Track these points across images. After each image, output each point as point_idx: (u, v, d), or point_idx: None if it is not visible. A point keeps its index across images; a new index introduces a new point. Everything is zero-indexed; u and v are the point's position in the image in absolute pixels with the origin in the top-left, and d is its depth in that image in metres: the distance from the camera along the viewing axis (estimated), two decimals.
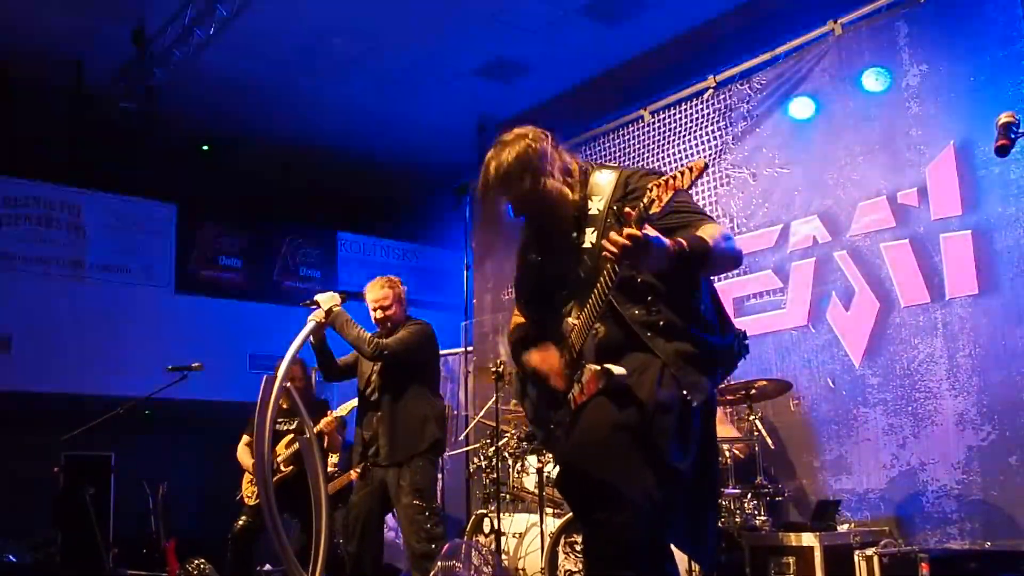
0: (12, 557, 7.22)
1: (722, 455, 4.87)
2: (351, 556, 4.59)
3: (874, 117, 5.43)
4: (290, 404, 5.00)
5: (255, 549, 5.93)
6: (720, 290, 2.79)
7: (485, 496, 5.71)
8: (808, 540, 4.25)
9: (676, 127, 6.57)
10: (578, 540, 4.68)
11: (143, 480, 7.79)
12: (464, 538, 5.43)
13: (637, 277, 2.48)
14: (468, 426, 7.29)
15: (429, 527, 4.47)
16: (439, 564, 4.47)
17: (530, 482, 5.40)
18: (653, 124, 6.73)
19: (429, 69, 8.31)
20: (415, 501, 4.48)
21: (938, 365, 4.98)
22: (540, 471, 5.19)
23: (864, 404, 5.28)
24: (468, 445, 7.07)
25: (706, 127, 6.37)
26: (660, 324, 2.49)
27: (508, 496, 5.54)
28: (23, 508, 7.73)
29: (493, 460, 5.56)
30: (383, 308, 4.72)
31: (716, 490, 3.10)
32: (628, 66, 8.06)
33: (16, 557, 7.25)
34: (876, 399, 5.23)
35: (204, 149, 10.00)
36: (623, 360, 2.50)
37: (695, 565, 4.18)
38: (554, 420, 2.74)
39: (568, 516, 4.84)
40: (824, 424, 5.45)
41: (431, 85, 8.60)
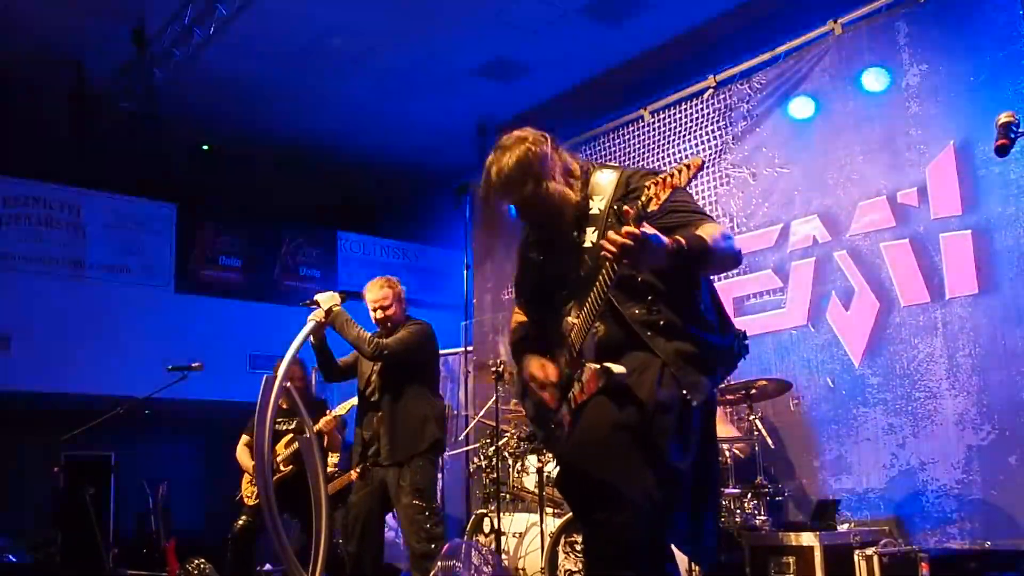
0: (12, 557, 7.22)
1: (722, 455, 4.87)
2: (351, 556, 4.59)
3: (874, 117, 5.43)
4: (290, 404, 5.00)
5: (255, 549, 5.93)
6: (720, 290, 2.78)
7: (485, 496, 5.71)
8: (808, 540, 4.24)
9: (676, 127, 6.56)
10: (578, 540, 4.68)
11: (143, 480, 7.81)
12: (464, 538, 5.43)
13: (637, 276, 2.48)
14: (468, 426, 7.29)
15: (429, 527, 4.47)
16: (439, 564, 4.47)
17: (530, 482, 5.40)
18: (653, 124, 6.73)
19: (429, 69, 8.31)
20: (415, 501, 4.48)
21: (938, 365, 4.98)
22: (540, 471, 5.19)
23: (864, 404, 5.28)
24: (468, 445, 7.07)
25: (706, 127, 6.37)
26: (660, 323, 2.49)
27: (508, 496, 5.54)
28: (23, 508, 7.74)
29: (493, 460, 5.56)
30: (383, 308, 4.71)
31: (716, 490, 3.09)
32: (628, 66, 8.06)
33: (16, 557, 7.25)
34: (876, 399, 5.23)
35: (204, 149, 10.00)
36: (623, 359, 2.50)
37: (695, 565, 4.18)
38: (555, 420, 2.74)
39: (568, 516, 4.84)
40: (824, 424, 5.45)
41: (431, 85, 8.60)
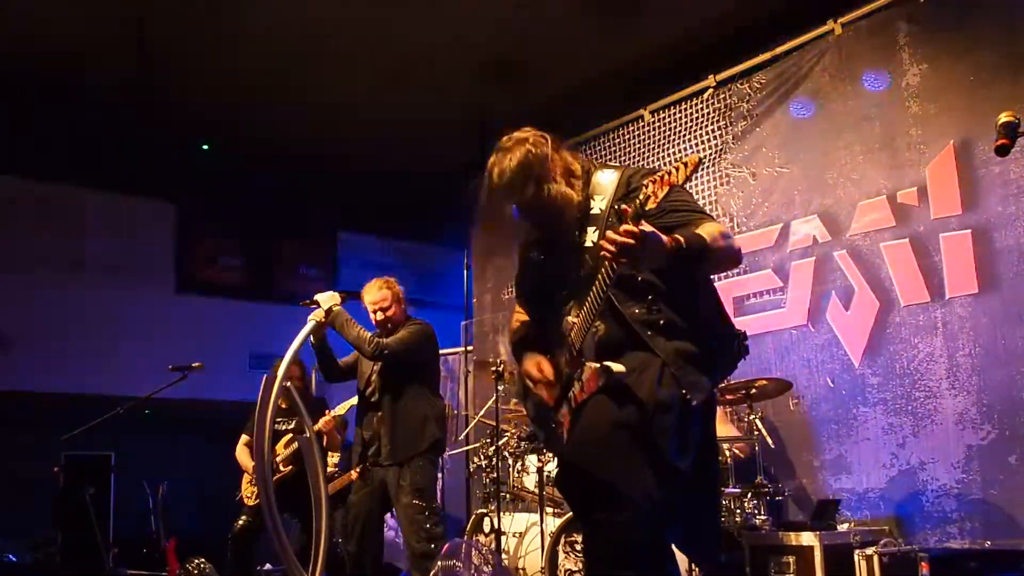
0: (12, 557, 7.22)
1: (722, 454, 4.87)
2: (351, 556, 4.59)
3: (874, 117, 5.43)
4: (289, 404, 4.99)
5: (255, 549, 5.94)
6: (720, 289, 2.79)
7: (485, 495, 5.71)
8: (808, 539, 4.24)
9: (676, 127, 6.57)
10: (578, 539, 4.68)
11: (143, 480, 7.80)
12: (464, 537, 5.43)
13: (637, 276, 2.48)
14: (468, 426, 7.30)
15: (429, 527, 4.48)
16: (439, 564, 4.48)
17: (530, 481, 5.40)
18: (653, 124, 6.74)
19: (429, 68, 8.30)
20: (415, 501, 4.48)
21: (938, 364, 4.98)
22: (540, 470, 5.19)
23: (864, 403, 5.28)
24: (468, 445, 7.08)
25: (706, 126, 6.38)
26: (660, 323, 2.49)
27: (508, 495, 5.54)
28: (23, 508, 7.73)
29: (493, 459, 5.56)
30: (383, 310, 4.71)
31: (716, 489, 3.09)
32: (628, 65, 8.04)
33: (16, 557, 7.25)
34: (876, 398, 5.23)
35: (204, 149, 9.99)
36: (623, 359, 2.50)
37: (695, 565, 4.18)
38: (555, 419, 2.74)
39: (568, 516, 4.84)
40: (824, 423, 5.45)
41: (431, 84, 8.59)
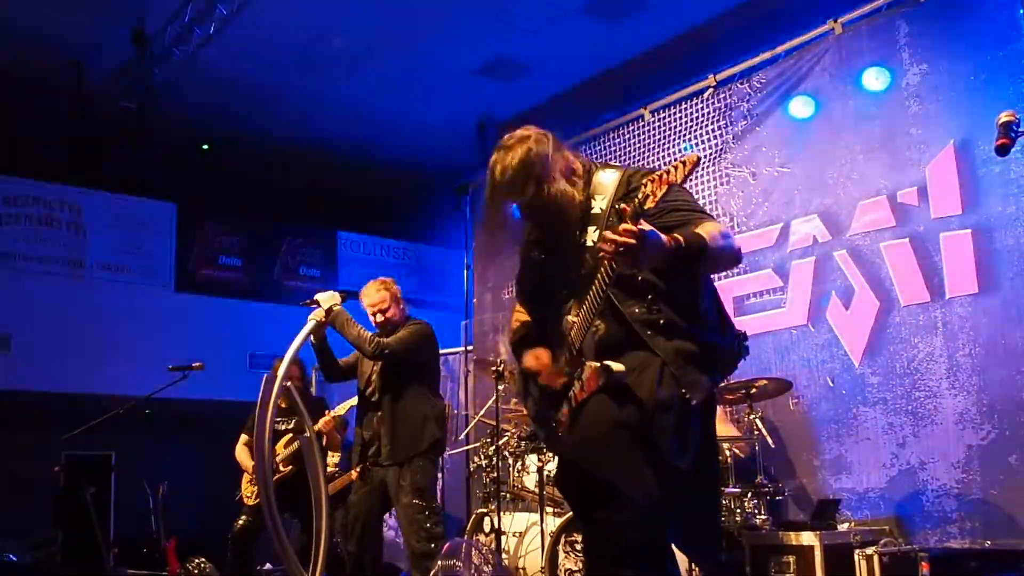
0: (12, 557, 7.22)
1: (722, 454, 4.87)
2: (351, 556, 4.59)
3: (874, 116, 5.42)
4: (290, 403, 4.99)
5: (255, 548, 5.94)
6: (720, 289, 2.79)
7: (485, 495, 5.70)
8: (808, 539, 4.24)
9: (676, 126, 6.56)
10: (578, 539, 4.68)
11: (143, 479, 7.80)
12: (464, 537, 5.43)
13: (637, 275, 2.48)
14: (468, 425, 7.29)
15: (429, 526, 4.48)
16: (439, 563, 4.48)
17: (530, 481, 5.40)
18: (653, 123, 6.72)
19: (429, 68, 8.30)
20: (415, 500, 4.48)
21: (938, 364, 4.97)
22: (540, 470, 5.19)
23: (864, 403, 5.28)
24: (468, 444, 7.08)
25: (706, 126, 6.36)
26: (660, 322, 2.49)
27: (508, 495, 5.53)
28: (23, 508, 7.74)
29: (493, 459, 5.56)
30: (381, 311, 4.71)
31: (716, 489, 3.09)
32: (628, 65, 8.05)
33: (16, 557, 7.25)
34: (876, 398, 5.22)
35: (204, 149, 10.00)
36: (623, 358, 2.49)
37: (695, 565, 4.18)
38: (556, 419, 2.74)
39: (568, 515, 4.84)
40: (824, 423, 5.45)
41: (431, 84, 8.59)
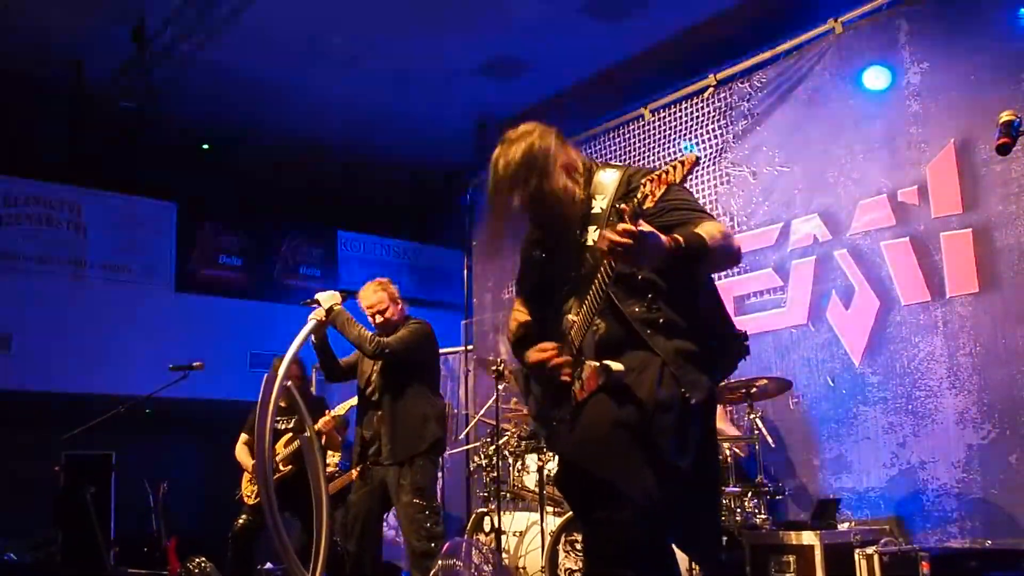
0: (12, 557, 7.21)
1: (722, 454, 4.87)
2: (351, 555, 4.59)
3: (875, 115, 5.43)
4: (289, 403, 4.99)
5: (255, 548, 5.94)
6: (720, 288, 2.78)
7: (485, 495, 5.71)
8: (808, 539, 4.24)
9: (677, 125, 6.56)
10: (578, 539, 4.68)
11: (144, 479, 7.79)
12: (464, 537, 5.43)
13: (637, 275, 2.48)
14: (468, 425, 7.30)
15: (429, 526, 4.48)
16: (439, 563, 4.48)
17: (530, 480, 5.40)
18: (653, 123, 6.72)
19: (429, 68, 8.29)
20: (415, 500, 4.48)
21: (938, 363, 4.98)
22: (540, 470, 5.19)
23: (864, 403, 5.28)
24: (468, 444, 7.08)
25: (707, 125, 6.37)
26: (660, 322, 2.49)
27: (508, 495, 5.53)
28: (23, 508, 7.73)
29: (493, 459, 5.56)
30: (380, 312, 4.72)
31: (716, 489, 3.09)
32: (628, 64, 8.04)
33: (16, 557, 7.25)
34: (876, 398, 5.23)
35: (204, 148, 9.98)
36: (623, 357, 2.49)
37: (695, 564, 4.18)
38: (557, 417, 2.73)
39: (569, 515, 4.84)
40: (824, 423, 5.45)
41: (431, 83, 8.58)
